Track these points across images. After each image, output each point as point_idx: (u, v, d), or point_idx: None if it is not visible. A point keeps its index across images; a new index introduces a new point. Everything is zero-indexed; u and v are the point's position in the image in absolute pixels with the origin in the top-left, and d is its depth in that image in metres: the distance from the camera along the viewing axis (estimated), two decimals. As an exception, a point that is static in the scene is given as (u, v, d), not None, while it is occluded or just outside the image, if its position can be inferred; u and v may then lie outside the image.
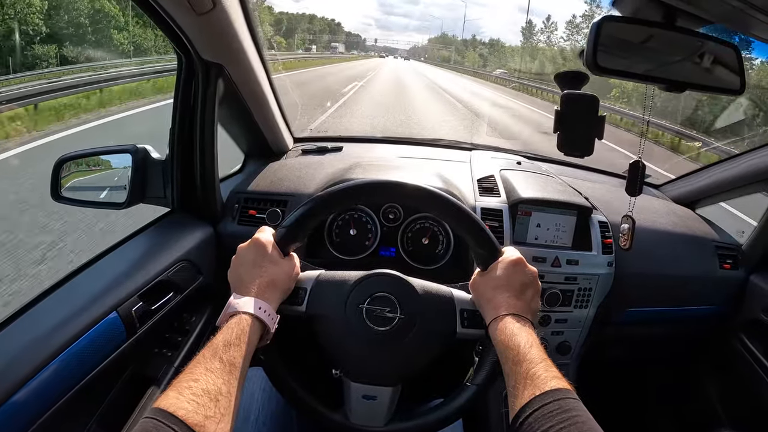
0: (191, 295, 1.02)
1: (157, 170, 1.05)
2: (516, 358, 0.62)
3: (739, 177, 1.37)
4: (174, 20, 0.84)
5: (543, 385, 0.57)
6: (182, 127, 1.03)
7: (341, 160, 1.36)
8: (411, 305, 0.74)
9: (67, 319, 0.76)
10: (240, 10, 0.94)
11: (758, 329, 1.28)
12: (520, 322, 0.67)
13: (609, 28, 0.72)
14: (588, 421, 0.53)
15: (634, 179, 0.94)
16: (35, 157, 5.00)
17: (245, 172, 1.36)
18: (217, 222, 1.16)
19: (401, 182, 0.80)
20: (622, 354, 1.48)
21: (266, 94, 1.21)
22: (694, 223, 1.39)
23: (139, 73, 10.06)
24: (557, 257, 1.14)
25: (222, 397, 0.54)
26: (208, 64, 0.98)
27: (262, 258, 0.72)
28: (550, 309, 1.15)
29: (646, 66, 0.78)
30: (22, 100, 6.59)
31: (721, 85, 0.79)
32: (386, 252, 1.17)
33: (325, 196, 0.77)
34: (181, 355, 1.00)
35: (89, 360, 0.76)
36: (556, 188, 1.24)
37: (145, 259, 0.94)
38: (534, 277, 0.75)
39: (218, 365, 0.57)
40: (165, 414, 0.49)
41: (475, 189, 1.24)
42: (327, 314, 0.75)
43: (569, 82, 0.94)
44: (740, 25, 0.73)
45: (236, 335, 0.61)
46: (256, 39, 1.05)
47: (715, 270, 1.30)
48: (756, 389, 1.25)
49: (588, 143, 0.92)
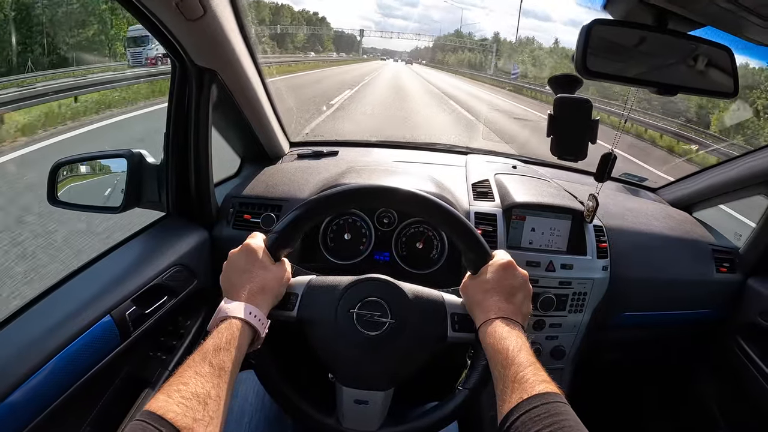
0: (186, 299, 1.02)
1: (152, 175, 1.06)
2: (504, 361, 0.62)
3: (736, 180, 1.37)
4: (166, 26, 0.85)
5: (531, 389, 0.57)
6: (177, 132, 1.04)
7: (336, 164, 1.36)
8: (401, 310, 0.74)
9: (62, 322, 0.76)
10: (232, 16, 0.95)
11: (755, 332, 1.27)
12: (510, 325, 0.67)
13: (599, 32, 0.72)
14: (576, 425, 0.53)
15: (603, 167, 1.05)
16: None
17: (241, 177, 1.36)
18: (212, 226, 1.16)
19: (392, 187, 0.80)
20: (618, 358, 1.47)
21: (261, 99, 1.21)
22: (690, 227, 1.39)
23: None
24: (552, 261, 1.13)
25: (211, 401, 0.55)
26: (201, 70, 0.99)
27: (253, 263, 0.72)
28: (544, 313, 1.15)
29: (638, 69, 0.78)
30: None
31: (714, 87, 0.78)
32: (380, 256, 1.18)
33: (316, 202, 0.78)
34: (175, 358, 1.00)
35: (83, 363, 0.77)
36: (551, 192, 1.24)
37: (139, 263, 0.95)
38: (524, 280, 0.75)
39: (208, 369, 0.58)
40: (154, 417, 0.50)
41: (469, 193, 1.24)
42: (318, 319, 0.75)
43: (563, 86, 0.94)
44: (732, 27, 0.73)
45: (226, 340, 0.62)
46: (249, 44, 1.06)
47: (711, 273, 1.30)
48: (753, 392, 1.25)
49: (581, 147, 0.92)
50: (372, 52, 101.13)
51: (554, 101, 0.92)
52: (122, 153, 1.04)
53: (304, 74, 19.99)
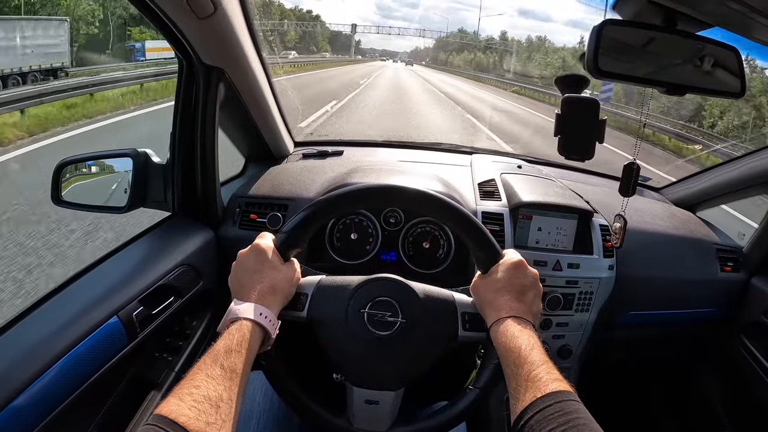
0: (192, 300, 1.01)
1: (157, 174, 1.06)
2: (517, 360, 0.62)
3: (740, 180, 1.37)
4: (175, 24, 0.85)
5: (544, 388, 0.57)
6: (183, 131, 1.04)
7: (341, 164, 1.36)
8: (412, 309, 0.74)
9: (68, 323, 0.76)
10: (241, 15, 0.94)
11: (759, 331, 1.28)
12: (521, 324, 0.67)
13: (610, 32, 0.72)
14: (590, 423, 0.53)
15: (627, 180, 0.96)
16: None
17: (246, 176, 1.36)
18: (218, 226, 1.16)
19: (402, 186, 0.80)
20: (624, 357, 1.48)
21: (267, 99, 1.21)
22: (694, 226, 1.39)
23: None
24: (558, 261, 1.14)
25: (223, 404, 0.54)
26: (209, 69, 0.99)
27: (263, 264, 0.72)
28: (551, 313, 1.15)
29: (647, 69, 0.78)
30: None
31: (721, 87, 0.78)
32: (387, 256, 1.17)
33: (325, 202, 0.77)
34: (181, 359, 1.00)
35: (90, 364, 0.76)
36: (557, 192, 1.24)
37: (145, 264, 0.94)
38: (535, 279, 0.75)
39: (219, 372, 0.57)
40: (166, 421, 0.49)
41: (476, 193, 1.24)
42: (328, 319, 0.75)
43: (570, 85, 0.95)
44: (740, 28, 0.73)
45: (237, 341, 0.61)
46: (257, 43, 1.06)
47: (715, 273, 1.30)
48: (758, 391, 1.25)
49: (588, 147, 0.92)
50: (370, 53, 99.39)
51: (561, 101, 0.93)
52: (127, 152, 1.03)
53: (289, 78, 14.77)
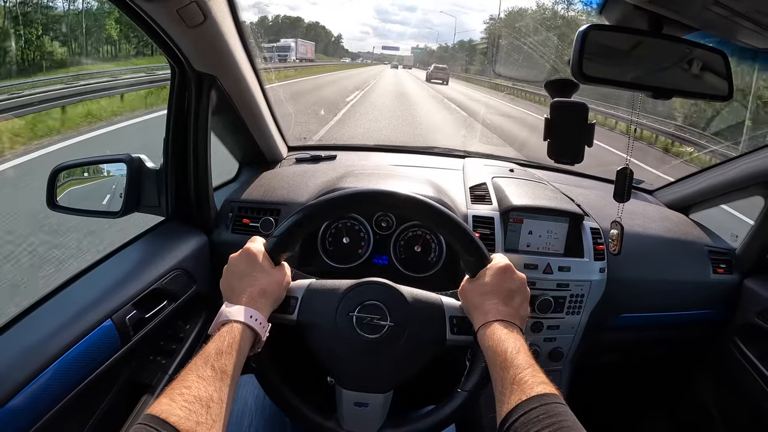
0: (185, 303, 1.02)
1: (151, 179, 1.06)
2: (503, 363, 0.63)
3: (732, 181, 1.37)
4: (166, 33, 0.86)
5: (529, 391, 0.58)
6: (176, 137, 1.05)
7: (334, 168, 1.37)
8: (400, 313, 0.75)
9: (62, 326, 0.76)
10: (231, 23, 0.95)
11: (752, 333, 1.28)
12: (508, 328, 0.68)
13: (595, 37, 0.72)
14: (574, 425, 0.53)
15: (621, 186, 0.95)
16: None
17: (239, 181, 1.36)
18: (211, 231, 1.16)
19: (391, 191, 0.81)
20: (616, 360, 1.48)
21: (259, 104, 1.22)
22: (687, 228, 1.40)
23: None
24: (549, 264, 1.14)
25: (213, 404, 0.55)
26: (200, 76, 1.00)
27: (253, 267, 0.73)
28: (542, 315, 1.15)
29: (634, 74, 0.79)
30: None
31: (709, 91, 0.79)
32: (379, 260, 1.18)
33: (316, 206, 0.78)
34: (175, 362, 1.01)
35: (84, 367, 0.77)
36: (548, 195, 1.24)
37: (139, 268, 0.95)
38: (522, 283, 0.75)
39: (210, 373, 0.58)
40: (157, 420, 0.50)
41: (467, 196, 1.24)
42: (318, 322, 0.76)
43: (559, 90, 0.95)
44: (726, 32, 0.74)
45: (228, 343, 0.62)
46: (249, 50, 1.07)
47: (708, 274, 1.31)
48: (751, 393, 1.25)
49: (578, 150, 0.93)
50: (366, 57, 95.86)
51: (551, 105, 0.93)
52: (122, 158, 1.04)
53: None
